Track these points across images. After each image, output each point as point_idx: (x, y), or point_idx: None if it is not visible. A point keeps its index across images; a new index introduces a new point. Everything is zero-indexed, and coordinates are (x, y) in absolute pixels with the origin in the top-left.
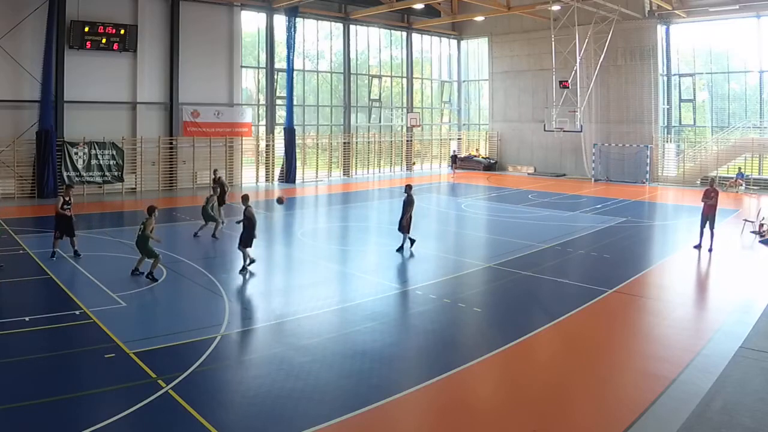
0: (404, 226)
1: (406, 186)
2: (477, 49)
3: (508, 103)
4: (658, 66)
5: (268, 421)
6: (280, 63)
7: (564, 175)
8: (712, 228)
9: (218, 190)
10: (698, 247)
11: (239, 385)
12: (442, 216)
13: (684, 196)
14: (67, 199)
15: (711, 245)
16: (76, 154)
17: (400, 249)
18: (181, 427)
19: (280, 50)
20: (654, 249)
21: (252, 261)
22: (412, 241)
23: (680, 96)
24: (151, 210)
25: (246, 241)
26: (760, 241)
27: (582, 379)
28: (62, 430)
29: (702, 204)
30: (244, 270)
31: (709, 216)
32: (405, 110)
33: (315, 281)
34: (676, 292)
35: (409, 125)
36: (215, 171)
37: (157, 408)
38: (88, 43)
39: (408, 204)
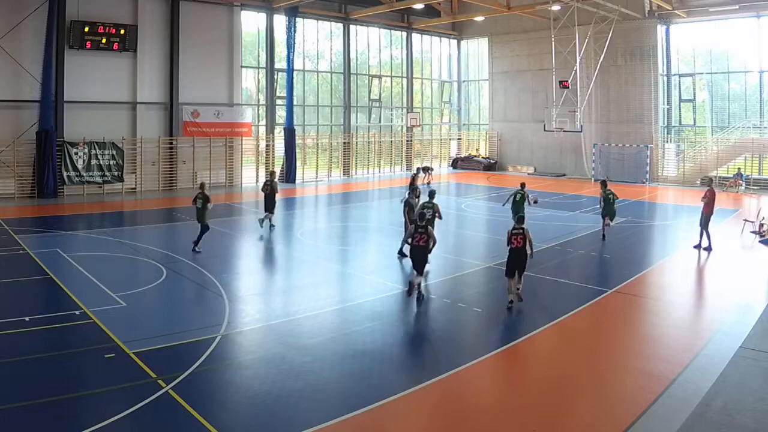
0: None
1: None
2: (477, 49)
3: (508, 103)
4: (658, 66)
5: (268, 421)
6: (280, 63)
7: (564, 175)
8: (706, 227)
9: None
10: (698, 247)
11: (239, 385)
12: (442, 216)
13: (684, 196)
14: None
15: (709, 245)
16: (76, 154)
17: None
18: (181, 427)
19: (280, 50)
20: (654, 249)
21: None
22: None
23: (680, 96)
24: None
25: None
26: (760, 241)
27: (582, 379)
28: (62, 430)
29: (702, 204)
30: None
31: (704, 215)
32: (405, 110)
33: (315, 281)
34: (676, 292)
35: (409, 125)
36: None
37: (157, 408)
38: (88, 43)
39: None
